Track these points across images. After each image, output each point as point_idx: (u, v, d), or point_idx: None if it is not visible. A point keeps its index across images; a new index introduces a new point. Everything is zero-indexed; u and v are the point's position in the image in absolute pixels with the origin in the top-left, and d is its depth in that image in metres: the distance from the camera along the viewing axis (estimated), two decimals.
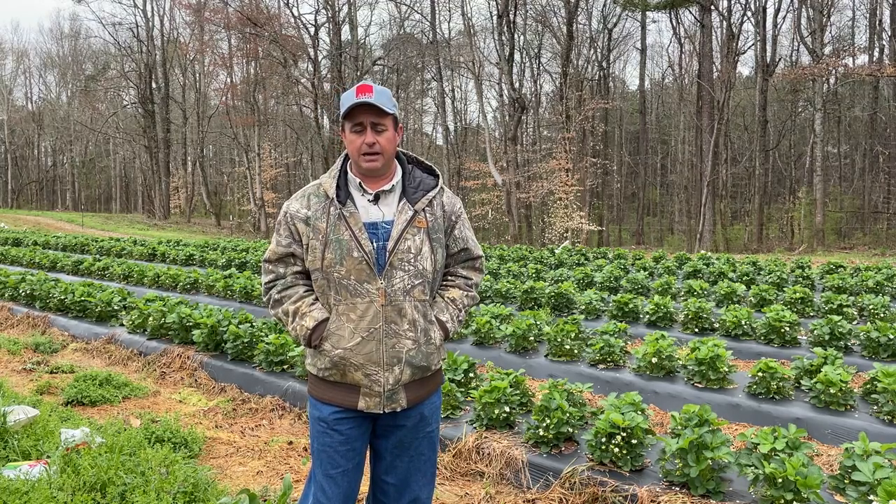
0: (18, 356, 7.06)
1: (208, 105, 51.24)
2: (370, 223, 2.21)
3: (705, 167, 29.45)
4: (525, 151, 38.14)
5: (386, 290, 2.16)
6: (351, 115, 2.17)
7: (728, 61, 30.89)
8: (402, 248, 2.19)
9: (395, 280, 2.18)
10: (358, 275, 2.17)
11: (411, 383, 2.25)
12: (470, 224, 2.44)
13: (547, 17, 35.88)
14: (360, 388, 2.21)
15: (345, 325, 2.18)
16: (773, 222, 38.04)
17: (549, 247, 22.71)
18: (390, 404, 2.22)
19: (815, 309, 8.32)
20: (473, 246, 2.42)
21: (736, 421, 4.83)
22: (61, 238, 21.53)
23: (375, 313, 2.16)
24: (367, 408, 2.21)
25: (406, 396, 2.24)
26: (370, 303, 2.17)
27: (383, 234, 2.20)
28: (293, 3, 44.47)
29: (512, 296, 9.55)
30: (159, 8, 57.47)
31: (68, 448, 3.51)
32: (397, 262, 2.18)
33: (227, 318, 6.64)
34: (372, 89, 2.15)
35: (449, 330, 2.32)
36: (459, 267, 2.42)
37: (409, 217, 2.21)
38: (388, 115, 2.18)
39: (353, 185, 2.27)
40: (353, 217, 2.19)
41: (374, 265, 2.16)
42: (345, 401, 2.23)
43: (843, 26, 39.83)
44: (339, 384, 2.24)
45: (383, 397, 2.20)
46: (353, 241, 2.16)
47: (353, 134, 2.19)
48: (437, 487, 3.83)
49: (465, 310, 2.40)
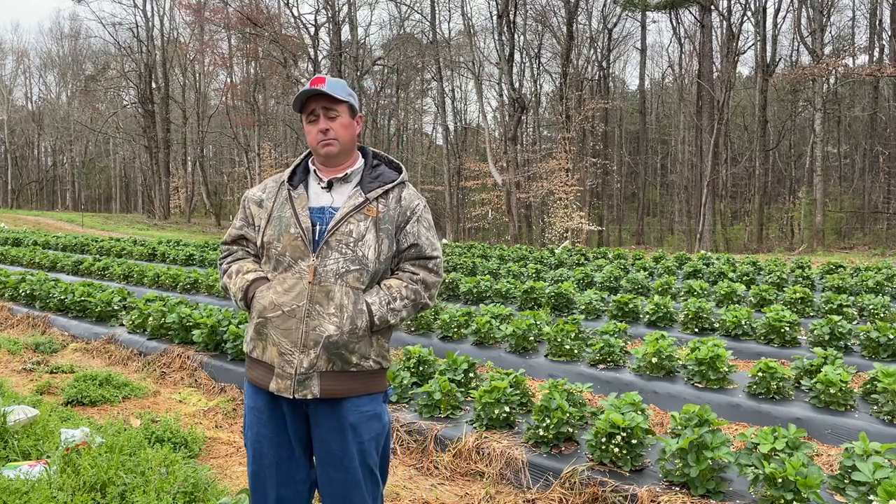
0: (18, 356, 7.06)
1: (208, 105, 51.23)
2: (317, 207, 2.25)
3: (705, 167, 29.45)
4: (525, 151, 38.16)
5: (317, 269, 2.16)
6: (305, 107, 2.25)
7: (728, 61, 30.89)
8: (343, 230, 2.19)
9: (328, 261, 2.17)
10: (293, 251, 2.19)
11: (328, 373, 2.15)
12: (431, 225, 2.36)
13: (547, 17, 35.88)
14: (274, 369, 2.19)
15: (268, 295, 2.20)
16: (773, 222, 38.03)
17: (549, 247, 22.71)
18: (301, 390, 2.14)
19: (815, 309, 8.32)
20: (426, 244, 2.31)
21: (736, 421, 4.83)
22: (61, 238, 21.52)
23: (301, 290, 2.16)
24: (279, 390, 2.17)
25: (319, 384, 2.14)
26: (299, 279, 2.17)
27: (328, 219, 2.22)
28: (293, 3, 44.43)
29: (512, 296, 9.55)
30: (159, 8, 57.31)
31: (68, 448, 3.50)
32: (334, 243, 2.18)
33: (227, 318, 6.64)
34: (325, 80, 2.21)
35: (374, 313, 2.17)
36: (408, 263, 2.32)
37: (358, 203, 2.23)
38: (341, 102, 2.23)
39: (310, 174, 2.33)
40: (300, 199, 2.26)
41: (308, 243, 2.18)
42: (261, 380, 2.23)
43: (843, 26, 39.84)
44: (259, 362, 2.24)
45: (294, 380, 2.14)
46: (293, 217, 2.22)
47: (309, 124, 2.26)
48: (437, 487, 3.83)
49: (402, 300, 2.24)
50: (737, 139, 41.66)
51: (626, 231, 44.97)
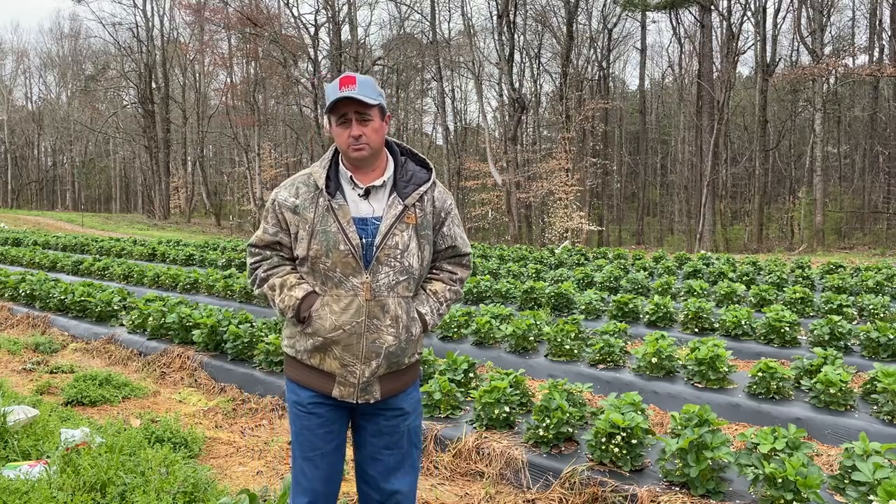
0: (18, 356, 7.06)
1: (208, 105, 51.21)
2: (359, 218, 2.21)
3: (705, 167, 29.45)
4: (525, 151, 38.15)
5: (371, 285, 2.16)
6: (335, 109, 2.18)
7: (728, 61, 30.89)
8: (390, 244, 2.18)
9: (380, 275, 2.17)
10: (344, 268, 2.17)
11: (386, 375, 2.25)
12: (460, 220, 2.44)
13: (547, 17, 35.88)
14: (336, 377, 2.22)
15: (327, 316, 2.18)
16: (773, 222, 38.03)
17: (549, 247, 22.71)
18: (364, 395, 2.23)
19: (815, 309, 8.32)
20: (462, 243, 2.40)
21: (736, 421, 4.83)
22: (61, 238, 21.53)
23: (359, 307, 2.17)
24: (342, 396, 2.23)
25: (380, 388, 2.24)
26: (354, 296, 2.17)
27: (372, 230, 2.20)
28: (293, 3, 44.40)
29: (512, 296, 9.55)
30: (159, 8, 57.47)
31: (68, 448, 3.50)
32: (384, 258, 2.18)
33: (227, 318, 6.64)
34: (355, 81, 2.14)
35: (428, 323, 2.30)
36: (445, 262, 2.40)
37: (398, 212, 2.21)
38: (372, 105, 2.18)
39: (343, 178, 2.27)
40: (342, 209, 2.19)
41: (360, 259, 2.16)
42: (320, 386, 2.25)
43: (843, 26, 39.87)
44: (315, 369, 2.25)
45: (357, 388, 2.22)
46: (340, 233, 2.17)
47: (340, 127, 2.20)
48: (437, 487, 3.83)
49: (447, 303, 2.37)
50: (737, 139, 41.66)
51: (626, 231, 44.96)
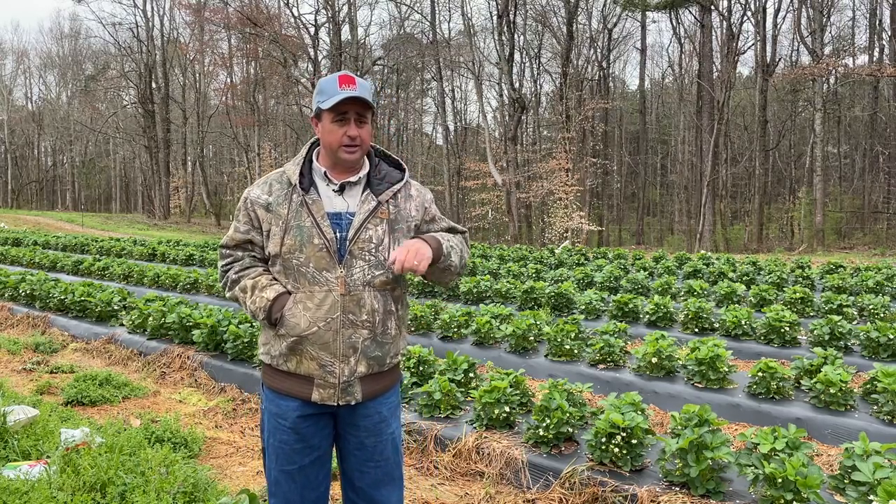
0: (18, 356, 7.06)
1: (208, 105, 51.20)
2: (334, 213, 2.19)
3: (705, 167, 29.45)
4: (525, 151, 38.17)
5: (345, 280, 2.14)
6: (336, 107, 2.14)
7: (728, 61, 30.88)
8: (363, 238, 2.17)
9: (354, 269, 2.16)
10: (317, 262, 2.15)
11: (367, 377, 2.21)
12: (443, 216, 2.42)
13: (547, 17, 35.86)
14: (314, 379, 2.18)
15: (301, 314, 2.15)
16: (773, 222, 38.04)
17: (549, 247, 22.70)
18: (345, 396, 2.18)
19: (815, 309, 8.32)
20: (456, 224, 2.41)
21: (736, 421, 4.83)
22: (61, 238, 21.52)
23: (333, 303, 2.14)
24: (322, 399, 2.18)
25: (361, 390, 2.21)
26: (328, 292, 2.14)
27: (346, 225, 2.18)
28: (293, 3, 44.44)
29: (512, 296, 9.55)
30: (159, 8, 57.36)
31: (68, 448, 3.50)
32: (357, 252, 2.16)
33: (227, 318, 6.64)
34: (355, 81, 2.13)
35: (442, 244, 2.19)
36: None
37: (371, 207, 2.20)
38: (370, 107, 2.18)
39: (317, 175, 2.24)
40: (316, 204, 2.18)
41: (334, 253, 2.14)
42: (299, 392, 2.20)
43: (843, 26, 39.82)
44: (292, 374, 2.21)
45: (338, 389, 2.17)
46: (314, 227, 2.15)
47: (335, 124, 2.15)
48: (437, 487, 3.83)
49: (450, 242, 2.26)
50: (737, 139, 41.64)
51: (626, 231, 44.97)
